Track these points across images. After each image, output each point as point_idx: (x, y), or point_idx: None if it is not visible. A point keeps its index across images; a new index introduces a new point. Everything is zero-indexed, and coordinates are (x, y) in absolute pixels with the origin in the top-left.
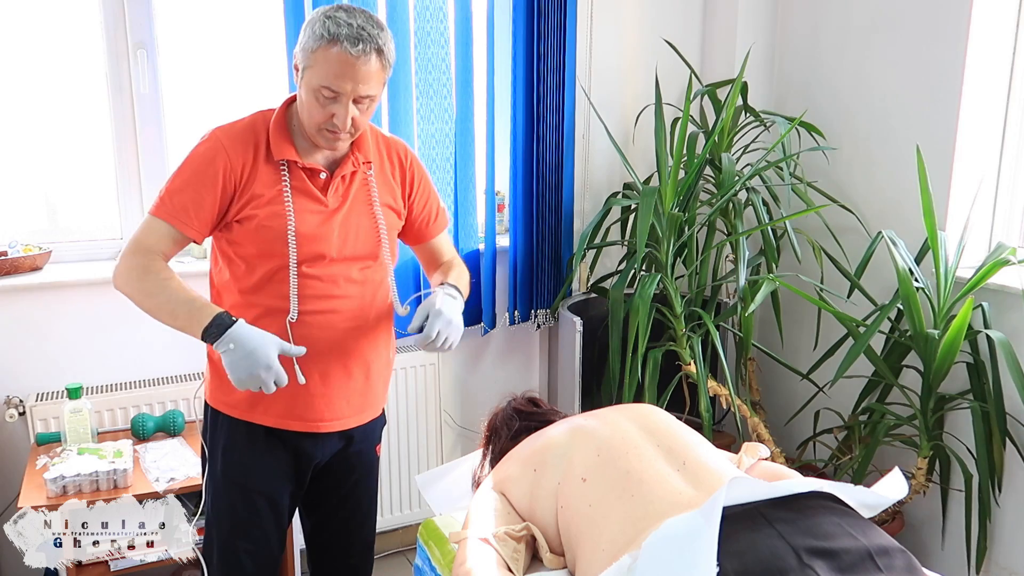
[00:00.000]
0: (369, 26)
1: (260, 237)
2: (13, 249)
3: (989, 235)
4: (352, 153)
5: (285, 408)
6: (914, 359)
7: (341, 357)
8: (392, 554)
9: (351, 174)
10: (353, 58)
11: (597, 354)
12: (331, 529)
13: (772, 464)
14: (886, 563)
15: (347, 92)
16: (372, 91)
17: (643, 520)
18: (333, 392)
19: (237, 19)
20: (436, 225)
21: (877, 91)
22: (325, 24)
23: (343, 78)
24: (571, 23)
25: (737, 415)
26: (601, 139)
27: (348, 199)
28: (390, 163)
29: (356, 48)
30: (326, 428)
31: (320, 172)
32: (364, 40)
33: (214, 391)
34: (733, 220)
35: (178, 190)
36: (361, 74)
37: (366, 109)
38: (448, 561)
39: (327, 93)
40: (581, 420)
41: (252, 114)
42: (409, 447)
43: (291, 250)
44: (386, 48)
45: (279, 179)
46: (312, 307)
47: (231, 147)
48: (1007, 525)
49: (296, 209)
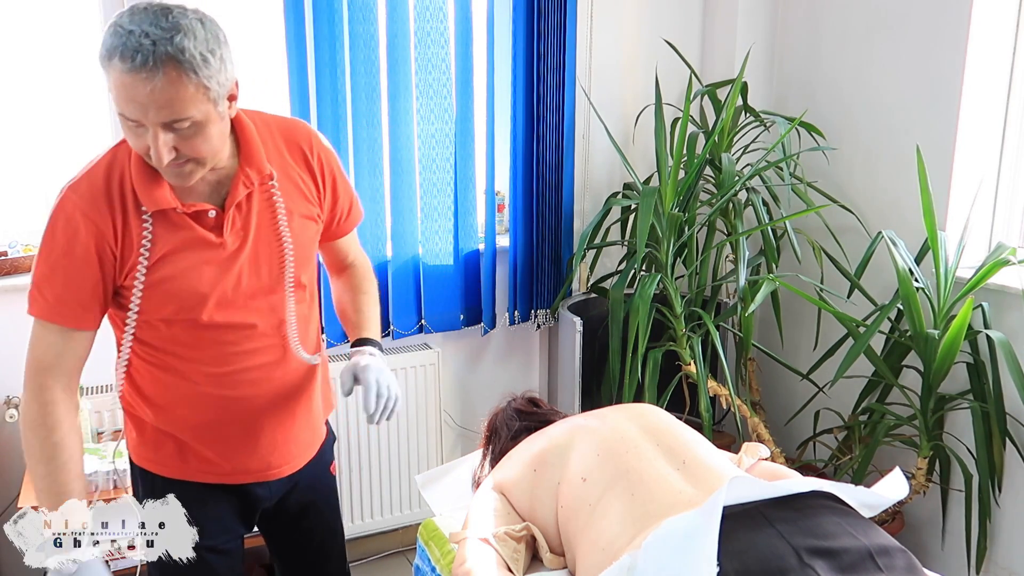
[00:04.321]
0: (156, 28)
1: (152, 304)
2: (13, 249)
3: (989, 235)
4: (242, 171)
5: (225, 465)
6: (914, 359)
7: (283, 402)
8: (392, 554)
9: (247, 197)
10: (131, 77)
11: (597, 354)
12: (305, 562)
13: (772, 464)
14: (886, 563)
15: (146, 120)
16: (183, 114)
17: (643, 519)
18: (279, 439)
19: (237, 19)
20: (348, 222)
21: (877, 91)
22: (106, 33)
23: (130, 103)
24: (571, 23)
25: (737, 415)
26: (601, 139)
27: (251, 231)
28: (294, 159)
29: (132, 63)
30: (274, 476)
31: (208, 211)
32: (143, 51)
33: (136, 448)
34: (733, 220)
35: (46, 278)
36: (149, 97)
37: (194, 134)
38: (448, 561)
39: (127, 123)
40: (581, 420)
41: (107, 154)
42: (409, 447)
43: (195, 309)
44: (186, 53)
45: (162, 233)
46: (236, 365)
47: (91, 211)
48: (1007, 525)
49: (189, 264)
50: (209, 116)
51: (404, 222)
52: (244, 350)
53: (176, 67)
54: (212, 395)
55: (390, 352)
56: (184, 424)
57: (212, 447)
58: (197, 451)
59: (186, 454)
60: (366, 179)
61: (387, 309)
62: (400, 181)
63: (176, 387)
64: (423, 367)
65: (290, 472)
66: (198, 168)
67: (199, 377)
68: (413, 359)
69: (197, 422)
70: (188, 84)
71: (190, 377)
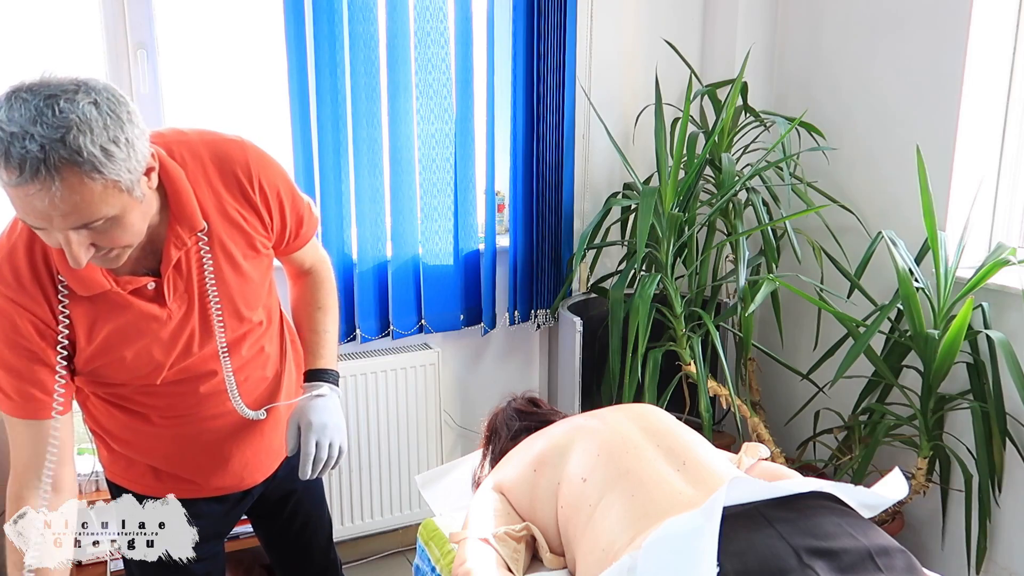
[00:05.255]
0: (42, 127)
1: (102, 377)
2: None
3: (989, 235)
4: (172, 231)
5: (198, 484)
6: (914, 359)
7: (248, 425)
8: (392, 554)
9: (186, 255)
10: (23, 191)
11: (597, 354)
12: (291, 545)
13: (772, 464)
14: (886, 563)
15: (52, 227)
16: (94, 216)
17: (643, 520)
18: (248, 456)
19: (237, 20)
20: (300, 239)
21: (877, 91)
22: None
23: (29, 213)
24: (571, 23)
25: (737, 415)
26: (601, 139)
27: (194, 290)
28: (231, 194)
29: (20, 177)
30: (250, 484)
31: (147, 284)
32: (31, 160)
33: (108, 464)
34: (733, 220)
35: (1, 376)
36: (50, 207)
37: (111, 228)
38: (448, 561)
39: (33, 227)
40: (581, 420)
41: (22, 229)
42: (409, 447)
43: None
44: (84, 152)
45: (101, 313)
46: (194, 409)
47: (20, 298)
48: (1007, 525)
49: (136, 342)
50: (125, 207)
51: (404, 222)
52: (202, 395)
53: (75, 171)
54: (173, 434)
55: (390, 352)
56: (148, 455)
57: (182, 470)
58: (169, 473)
59: (159, 473)
60: (366, 179)
61: (387, 309)
62: (400, 181)
63: (134, 426)
64: (423, 367)
65: (264, 478)
66: (125, 251)
67: (157, 419)
68: (413, 359)
69: (161, 455)
70: (93, 185)
71: (148, 419)
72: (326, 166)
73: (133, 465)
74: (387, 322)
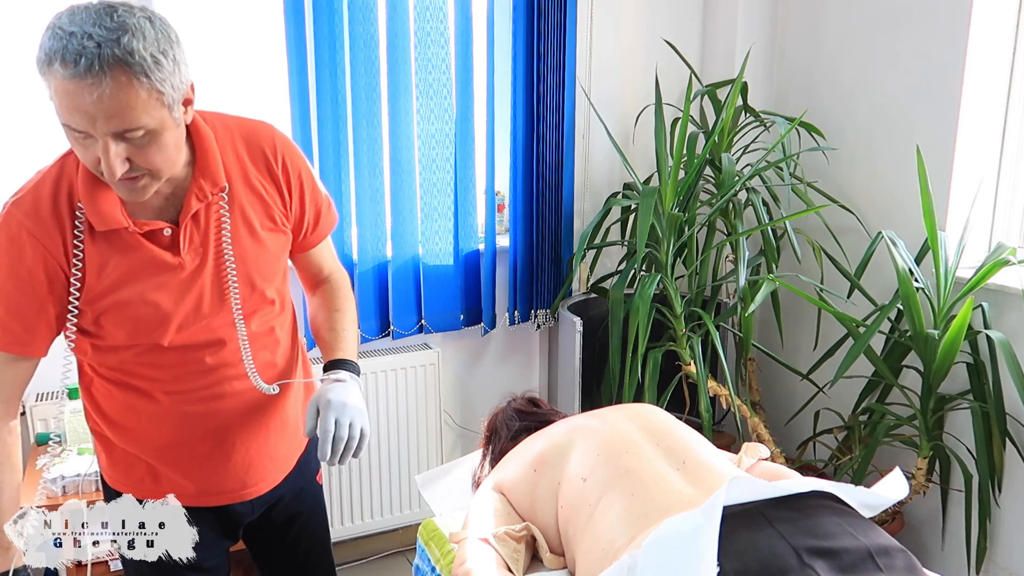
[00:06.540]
0: (100, 29)
1: (106, 329)
2: None
3: (989, 235)
4: (196, 183)
5: (198, 487)
6: (914, 359)
7: (254, 416)
8: (392, 554)
9: (206, 209)
10: (75, 84)
11: (597, 354)
12: (293, 573)
13: (772, 464)
14: (886, 563)
15: (95, 131)
16: (136, 122)
17: (643, 519)
18: (252, 455)
19: (237, 20)
20: (317, 232)
21: (877, 91)
22: (43, 36)
23: (75, 112)
24: (571, 23)
25: (737, 415)
26: (601, 139)
27: (210, 246)
28: (257, 166)
29: (75, 69)
30: (253, 494)
31: (163, 229)
32: (87, 55)
33: (107, 469)
34: (733, 220)
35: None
36: (96, 105)
37: (148, 144)
38: (448, 561)
39: (73, 134)
40: (581, 420)
41: (54, 166)
42: (409, 447)
43: (154, 334)
44: (136, 55)
45: (114, 254)
46: (199, 382)
47: (37, 230)
48: (1007, 525)
49: (145, 288)
50: (164, 123)
51: (404, 222)
52: (209, 367)
53: (125, 71)
54: (176, 412)
55: (390, 352)
56: (149, 445)
57: (180, 469)
58: (167, 475)
59: (158, 477)
60: (366, 179)
61: (387, 309)
62: (400, 181)
63: (137, 406)
64: (423, 367)
65: (268, 489)
66: (153, 182)
67: (161, 396)
68: (413, 359)
69: (163, 443)
70: (139, 89)
71: (152, 396)
72: (326, 166)
73: (132, 467)
74: (387, 322)
